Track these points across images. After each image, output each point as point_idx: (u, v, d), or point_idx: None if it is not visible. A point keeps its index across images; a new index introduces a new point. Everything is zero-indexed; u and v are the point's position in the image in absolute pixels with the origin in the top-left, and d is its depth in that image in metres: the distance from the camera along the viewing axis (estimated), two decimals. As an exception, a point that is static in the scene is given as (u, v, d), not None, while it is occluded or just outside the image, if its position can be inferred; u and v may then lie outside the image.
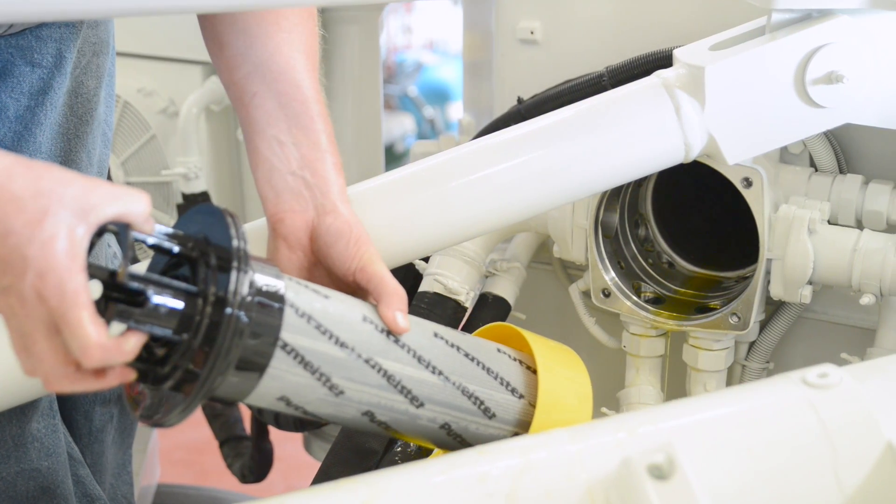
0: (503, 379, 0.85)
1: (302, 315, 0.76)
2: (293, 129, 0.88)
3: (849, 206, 1.15)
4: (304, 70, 0.90)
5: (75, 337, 0.67)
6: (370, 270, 0.83)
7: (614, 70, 1.27)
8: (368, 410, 0.79)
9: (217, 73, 0.94)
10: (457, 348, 0.84)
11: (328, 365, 0.76)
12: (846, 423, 0.71)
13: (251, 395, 0.75)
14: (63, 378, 0.70)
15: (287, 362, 0.74)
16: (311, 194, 0.87)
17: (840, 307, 1.27)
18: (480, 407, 0.83)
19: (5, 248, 0.67)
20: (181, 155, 1.84)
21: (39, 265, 0.66)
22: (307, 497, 0.72)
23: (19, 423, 1.00)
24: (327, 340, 0.76)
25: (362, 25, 1.76)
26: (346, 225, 0.86)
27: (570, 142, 0.95)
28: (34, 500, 1.02)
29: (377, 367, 0.78)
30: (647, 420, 0.74)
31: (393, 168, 1.01)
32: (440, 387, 0.81)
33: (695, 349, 1.23)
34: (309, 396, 0.77)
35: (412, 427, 0.82)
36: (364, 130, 1.82)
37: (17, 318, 0.68)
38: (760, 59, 0.95)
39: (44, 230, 0.66)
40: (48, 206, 0.67)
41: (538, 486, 0.70)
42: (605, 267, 1.27)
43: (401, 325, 0.80)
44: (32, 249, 0.66)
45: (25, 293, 0.67)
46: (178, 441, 2.37)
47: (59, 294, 0.66)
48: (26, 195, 0.67)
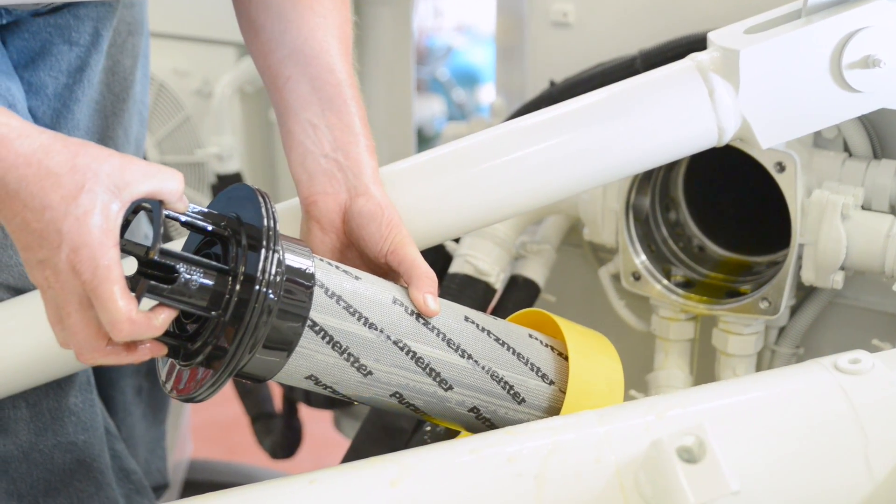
0: (533, 364, 0.85)
1: (332, 295, 0.76)
2: (326, 113, 0.89)
3: (883, 191, 1.14)
4: (337, 54, 0.91)
5: (106, 310, 0.68)
6: (401, 253, 0.84)
7: (647, 53, 1.26)
8: (397, 392, 0.80)
9: (251, 56, 0.95)
10: (487, 332, 0.84)
11: (357, 346, 0.77)
12: (878, 409, 0.71)
13: (280, 374, 0.76)
14: (94, 350, 0.71)
15: (316, 342, 0.75)
16: (344, 176, 0.88)
17: (872, 293, 1.26)
18: (510, 392, 0.83)
19: (42, 221, 0.68)
20: (215, 135, 1.85)
21: (74, 239, 0.68)
22: (337, 474, 0.73)
23: (56, 397, 1.02)
24: (356, 321, 0.77)
25: (395, 8, 1.76)
26: (378, 207, 0.86)
27: (602, 125, 0.95)
28: (70, 472, 1.04)
29: (406, 349, 0.79)
30: (676, 403, 0.74)
31: (423, 150, 1.01)
32: (469, 370, 0.82)
33: (724, 333, 1.23)
34: (338, 376, 0.78)
35: (441, 409, 0.83)
36: (396, 113, 1.82)
37: (52, 290, 0.70)
38: (796, 42, 0.94)
39: (79, 205, 0.68)
40: (84, 182, 0.69)
41: (567, 467, 0.70)
42: (635, 250, 1.26)
43: (431, 307, 0.80)
44: (67, 224, 0.68)
45: (60, 266, 0.68)
46: (210, 417, 2.39)
47: (92, 268, 0.68)
48: (63, 171, 0.69)
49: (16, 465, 1.01)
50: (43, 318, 0.73)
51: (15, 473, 1.01)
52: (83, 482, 1.05)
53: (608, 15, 1.40)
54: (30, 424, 1.01)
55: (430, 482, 0.71)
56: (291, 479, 0.73)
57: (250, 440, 1.92)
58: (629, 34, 1.35)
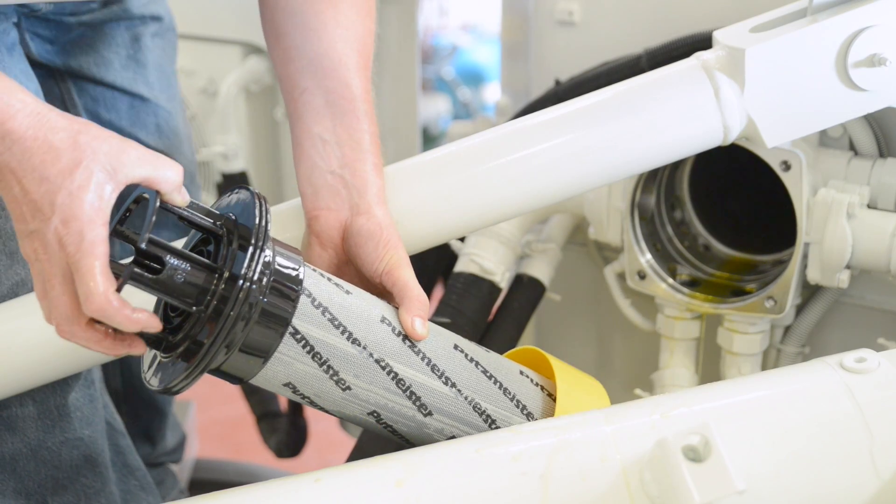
0: (519, 401, 0.84)
1: (318, 306, 0.76)
2: (337, 128, 0.89)
3: (889, 190, 1.14)
4: (355, 67, 0.91)
5: (83, 283, 0.70)
6: (395, 274, 0.84)
7: (652, 52, 1.26)
8: (374, 411, 0.79)
9: (272, 61, 0.96)
10: (476, 363, 0.83)
11: (337, 359, 0.76)
12: (884, 408, 0.71)
13: (258, 377, 0.76)
14: (73, 325, 0.73)
15: (296, 350, 0.75)
16: (349, 194, 0.88)
17: (878, 292, 1.25)
18: (491, 425, 0.82)
19: (38, 193, 0.71)
20: (220, 134, 1.85)
21: (65, 212, 0.70)
22: (343, 473, 0.73)
23: (62, 393, 1.02)
24: (340, 335, 0.76)
25: (400, 7, 1.76)
26: (377, 227, 0.86)
27: (607, 124, 0.95)
28: (77, 469, 1.04)
29: (388, 369, 0.78)
30: (681, 402, 0.74)
31: (428, 149, 1.01)
32: (451, 399, 0.81)
33: (730, 332, 1.23)
34: (316, 387, 0.77)
35: (418, 434, 0.82)
36: (401, 111, 1.82)
37: (40, 262, 0.73)
38: (802, 41, 0.94)
39: (74, 180, 0.71)
40: (81, 159, 0.72)
41: (572, 466, 0.70)
42: (640, 249, 1.26)
43: (418, 331, 0.80)
44: (61, 197, 0.71)
45: (48, 238, 0.71)
46: (216, 417, 2.40)
47: (77, 241, 0.70)
48: (64, 147, 0.72)
49: (24, 463, 1.01)
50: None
51: (23, 472, 1.02)
52: (89, 478, 1.05)
53: (613, 14, 1.40)
54: (38, 422, 1.01)
55: (436, 481, 0.71)
56: (296, 479, 0.74)
57: (256, 439, 1.92)
58: (634, 33, 1.35)
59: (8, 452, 1.00)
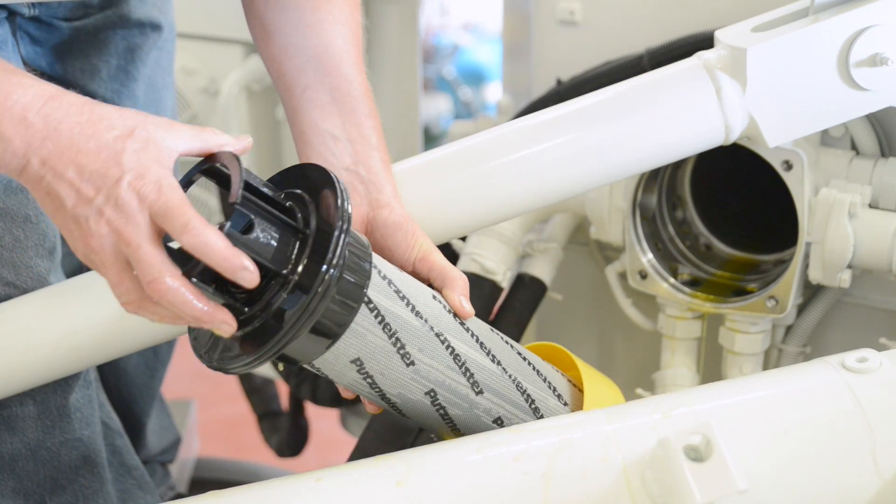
0: (552, 384, 0.86)
1: (384, 277, 0.77)
2: (347, 126, 0.89)
3: (890, 189, 1.14)
4: (354, 63, 0.91)
5: (179, 217, 0.68)
6: (431, 259, 0.84)
7: (654, 52, 1.26)
8: (432, 389, 0.79)
9: (263, 60, 0.95)
10: (511, 345, 0.85)
11: (404, 331, 0.77)
12: (886, 408, 0.71)
13: (328, 352, 0.74)
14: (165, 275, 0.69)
15: (369, 320, 0.75)
16: (366, 189, 0.88)
17: (880, 292, 1.25)
18: (531, 405, 0.83)
19: (99, 161, 0.70)
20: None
21: (136, 168, 0.69)
22: (343, 472, 0.73)
23: (63, 394, 1.02)
24: (405, 306, 0.77)
25: (401, 6, 1.76)
26: (402, 218, 0.87)
27: (609, 123, 0.95)
28: (76, 469, 1.04)
29: (447, 344, 0.79)
30: (683, 402, 0.74)
31: (430, 149, 1.01)
32: (498, 376, 0.82)
33: (731, 332, 1.23)
34: (382, 363, 0.76)
35: (467, 417, 0.82)
36: (402, 111, 1.82)
37: (113, 234, 0.69)
38: (803, 41, 0.94)
39: (135, 139, 0.70)
40: (134, 126, 0.71)
41: (574, 466, 0.70)
42: (642, 248, 1.26)
43: (467, 308, 0.81)
44: (126, 156, 0.70)
45: (123, 198, 0.69)
46: (217, 416, 2.40)
47: (158, 188, 0.69)
48: (113, 116, 0.72)
49: (23, 463, 1.01)
50: (50, 315, 0.73)
51: (21, 472, 1.01)
52: (87, 478, 1.05)
53: (615, 13, 1.40)
54: (38, 422, 1.01)
55: (437, 481, 0.71)
56: (297, 478, 0.74)
57: (257, 438, 1.92)
58: (636, 32, 1.35)
59: (7, 452, 1.00)
